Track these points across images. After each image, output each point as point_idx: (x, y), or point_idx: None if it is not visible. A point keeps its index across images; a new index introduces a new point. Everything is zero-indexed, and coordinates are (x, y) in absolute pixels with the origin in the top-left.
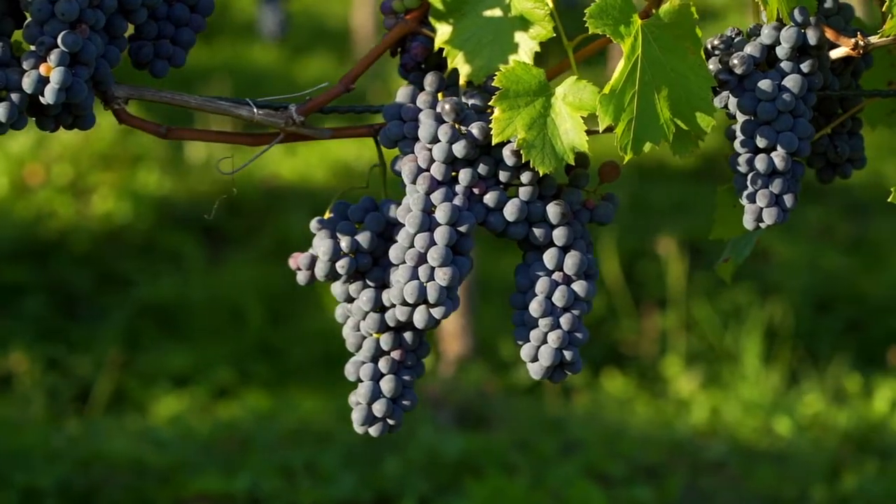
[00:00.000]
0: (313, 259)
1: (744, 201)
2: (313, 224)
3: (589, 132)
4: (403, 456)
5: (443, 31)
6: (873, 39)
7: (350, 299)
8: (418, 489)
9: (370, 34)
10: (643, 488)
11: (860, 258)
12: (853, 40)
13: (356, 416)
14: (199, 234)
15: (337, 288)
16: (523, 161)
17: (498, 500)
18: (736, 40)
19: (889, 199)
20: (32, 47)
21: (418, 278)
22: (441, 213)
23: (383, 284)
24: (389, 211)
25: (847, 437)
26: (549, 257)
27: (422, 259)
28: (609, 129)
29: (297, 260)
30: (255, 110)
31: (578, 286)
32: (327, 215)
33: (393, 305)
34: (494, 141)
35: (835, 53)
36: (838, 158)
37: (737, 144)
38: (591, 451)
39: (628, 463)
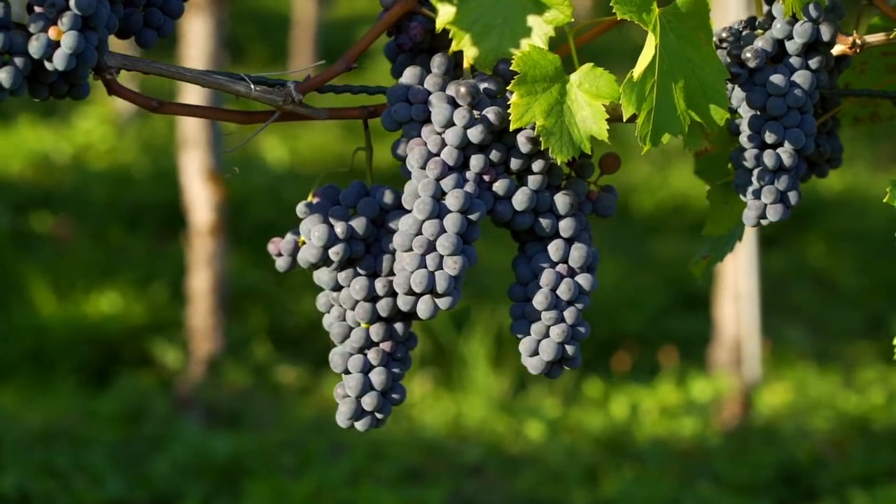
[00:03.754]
0: (296, 244)
1: (747, 197)
2: (300, 208)
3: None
4: (170, 456)
5: (445, 12)
6: (870, 39)
7: (337, 287)
8: (195, 490)
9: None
10: (432, 490)
11: None
12: (850, 39)
13: (343, 410)
14: None
15: (324, 276)
16: (542, 148)
17: (280, 503)
18: (744, 33)
19: (884, 200)
20: (39, 9)
21: (426, 267)
22: (453, 200)
23: (374, 273)
24: (381, 197)
25: (598, 441)
26: (554, 249)
27: (431, 247)
28: (632, 119)
29: (277, 245)
30: (252, 86)
31: (583, 279)
32: (311, 198)
33: (387, 295)
34: (513, 127)
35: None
36: (819, 158)
37: (743, 139)
38: (357, 453)
39: (392, 465)
